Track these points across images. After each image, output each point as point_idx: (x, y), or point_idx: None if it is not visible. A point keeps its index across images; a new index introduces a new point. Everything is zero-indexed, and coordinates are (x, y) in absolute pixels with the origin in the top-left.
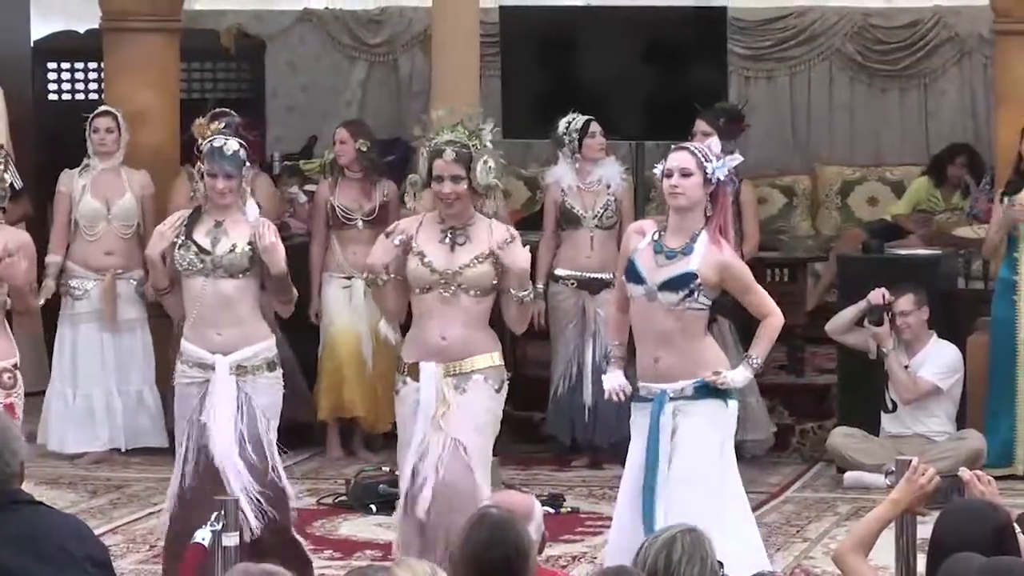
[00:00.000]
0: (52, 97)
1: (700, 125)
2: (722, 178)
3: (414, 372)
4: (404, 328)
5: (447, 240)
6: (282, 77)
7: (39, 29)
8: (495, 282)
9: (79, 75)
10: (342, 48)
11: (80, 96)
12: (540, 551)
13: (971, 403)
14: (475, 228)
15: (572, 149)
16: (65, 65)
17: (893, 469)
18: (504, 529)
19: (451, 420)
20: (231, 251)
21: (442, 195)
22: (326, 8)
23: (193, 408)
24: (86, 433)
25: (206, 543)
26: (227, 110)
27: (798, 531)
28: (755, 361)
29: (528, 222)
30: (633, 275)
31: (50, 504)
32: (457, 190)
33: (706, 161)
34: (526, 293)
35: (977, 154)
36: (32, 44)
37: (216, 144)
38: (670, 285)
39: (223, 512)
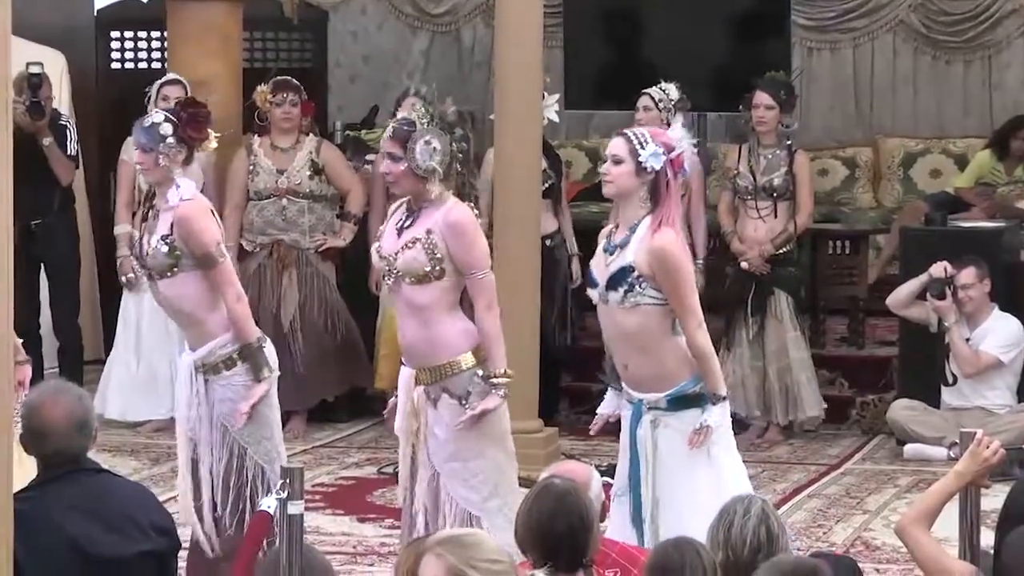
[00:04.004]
0: (115, 66)
1: (763, 98)
2: (658, 167)
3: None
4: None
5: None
6: (344, 47)
7: None
8: (428, 269)
9: (142, 44)
10: (404, 18)
11: (143, 65)
12: (601, 520)
13: None
14: (426, 211)
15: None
16: (128, 34)
17: (956, 441)
18: (568, 499)
19: (433, 449)
20: (153, 249)
21: (383, 174)
22: None
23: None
24: (149, 401)
25: (272, 510)
26: (288, 78)
27: (858, 503)
28: (721, 396)
29: (589, 193)
30: (589, 279)
31: (113, 472)
32: (393, 169)
33: (640, 148)
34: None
35: None
36: (95, 13)
37: (141, 118)
38: (611, 282)
39: (288, 480)
